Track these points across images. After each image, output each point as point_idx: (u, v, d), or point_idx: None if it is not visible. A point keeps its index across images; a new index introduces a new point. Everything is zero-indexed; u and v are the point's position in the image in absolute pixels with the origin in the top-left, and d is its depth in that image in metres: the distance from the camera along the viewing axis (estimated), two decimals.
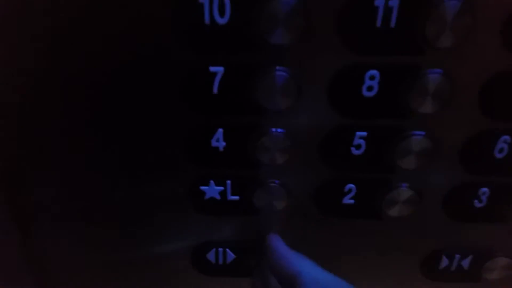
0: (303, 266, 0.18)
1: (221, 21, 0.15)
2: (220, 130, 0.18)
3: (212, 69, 0.16)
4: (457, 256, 0.22)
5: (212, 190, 0.20)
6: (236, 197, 0.20)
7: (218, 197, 0.20)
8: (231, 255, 0.22)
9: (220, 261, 0.22)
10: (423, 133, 0.18)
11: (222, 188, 0.20)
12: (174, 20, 0.15)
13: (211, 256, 0.22)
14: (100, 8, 0.15)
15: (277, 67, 0.16)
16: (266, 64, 0.16)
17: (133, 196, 0.20)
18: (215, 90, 0.17)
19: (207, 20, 0.15)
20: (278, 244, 0.20)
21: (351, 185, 0.20)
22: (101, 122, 0.18)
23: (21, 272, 0.22)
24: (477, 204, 0.20)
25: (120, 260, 0.22)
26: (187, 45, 0.16)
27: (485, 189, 0.20)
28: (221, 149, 0.18)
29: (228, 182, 0.20)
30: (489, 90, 0.17)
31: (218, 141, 0.18)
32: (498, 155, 0.19)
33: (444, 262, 0.22)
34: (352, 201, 0.20)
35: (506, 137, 0.18)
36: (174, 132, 0.18)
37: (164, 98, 0.17)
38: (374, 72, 0.16)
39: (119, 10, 0.15)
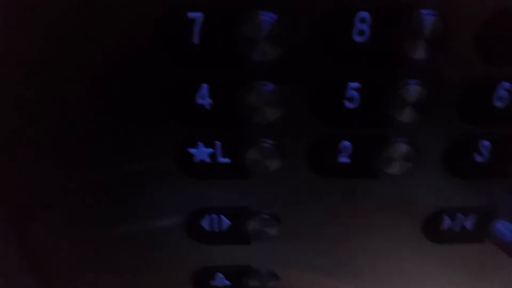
0: None
1: None
2: (205, 86, 0.17)
3: (191, 15, 0.15)
4: (459, 215, 0.21)
5: (201, 152, 0.19)
6: (227, 159, 0.19)
7: (208, 159, 0.19)
8: (226, 222, 0.21)
9: (216, 228, 0.21)
10: (419, 82, 0.17)
11: (211, 150, 0.19)
12: None
13: (205, 223, 0.21)
14: None
15: (262, 11, 0.15)
16: (250, 8, 0.15)
17: (119, 164, 0.20)
18: (196, 39, 0.16)
19: None
20: None
21: (346, 143, 0.19)
22: (80, 83, 0.17)
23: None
24: (478, 158, 0.19)
25: (112, 234, 0.22)
26: None
27: (486, 142, 0.19)
28: (207, 107, 0.18)
29: (218, 143, 0.19)
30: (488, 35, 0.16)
31: (204, 98, 0.17)
32: (498, 104, 0.18)
33: (446, 222, 0.22)
34: (347, 160, 0.19)
35: (506, 84, 0.17)
36: (158, 90, 0.17)
37: (143, 50, 0.16)
38: (364, 14, 0.16)
39: None
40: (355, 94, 0.17)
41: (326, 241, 0.22)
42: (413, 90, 0.17)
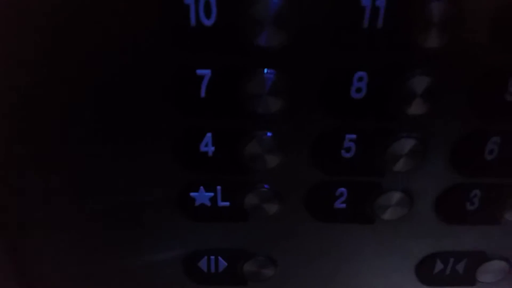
0: None
1: (208, 22, 0.15)
2: (209, 134, 0.18)
3: (199, 72, 0.16)
4: (451, 259, 0.22)
5: (202, 196, 0.19)
6: (227, 203, 0.20)
7: (208, 203, 0.20)
8: (223, 263, 0.21)
9: (212, 270, 0.22)
10: (412, 134, 0.18)
11: (212, 194, 0.19)
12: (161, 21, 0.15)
13: (203, 264, 0.21)
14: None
15: (265, 69, 0.16)
16: (254, 66, 0.16)
17: (122, 204, 0.20)
18: (203, 93, 0.16)
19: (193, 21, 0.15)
20: None
21: (342, 189, 0.20)
22: (87, 126, 0.18)
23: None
24: (469, 206, 0.20)
25: (110, 270, 0.22)
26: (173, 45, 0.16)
27: (477, 191, 0.20)
28: (210, 154, 0.18)
29: (219, 187, 0.19)
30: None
31: (207, 145, 0.18)
32: (489, 157, 0.19)
33: (438, 266, 0.22)
34: (343, 205, 0.20)
35: (496, 138, 0.18)
36: (162, 137, 0.18)
37: (151, 101, 0.17)
38: (362, 73, 0.16)
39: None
40: (352, 145, 0.18)
41: (321, 283, 0.22)
42: (407, 142, 0.18)
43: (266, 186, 0.19)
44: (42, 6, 0.15)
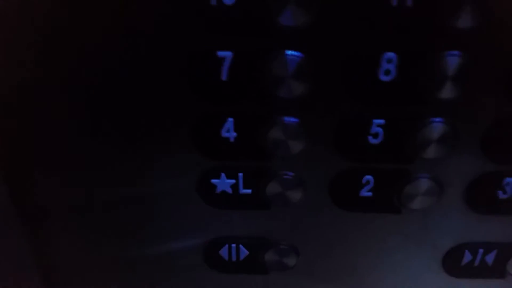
0: None
1: (229, 1, 0.14)
2: (231, 120, 0.17)
3: (220, 54, 0.15)
4: (481, 250, 0.21)
5: (223, 183, 0.19)
6: (249, 190, 0.19)
7: (229, 190, 0.19)
8: (244, 251, 0.21)
9: (233, 258, 0.21)
10: (442, 119, 0.17)
11: (233, 181, 0.19)
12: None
13: (224, 252, 0.21)
14: None
15: (289, 51, 0.15)
16: (276, 48, 0.16)
17: (142, 192, 0.20)
18: (224, 76, 0.16)
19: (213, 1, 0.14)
20: None
21: (369, 177, 0.19)
22: (105, 115, 0.17)
23: (28, 270, 0.22)
24: (501, 195, 0.19)
25: (130, 257, 0.22)
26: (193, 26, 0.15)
27: (510, 179, 0.19)
28: (232, 140, 0.18)
29: (240, 174, 0.19)
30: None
31: (229, 131, 0.17)
32: None
33: (467, 257, 0.21)
34: (369, 194, 0.19)
35: None
36: (182, 123, 0.18)
37: (170, 86, 0.17)
38: (391, 54, 0.16)
39: None
40: (379, 130, 0.17)
41: (345, 274, 0.22)
42: (438, 127, 0.17)
43: (289, 173, 0.19)
44: None
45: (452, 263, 0.22)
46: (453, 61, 0.16)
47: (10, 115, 0.18)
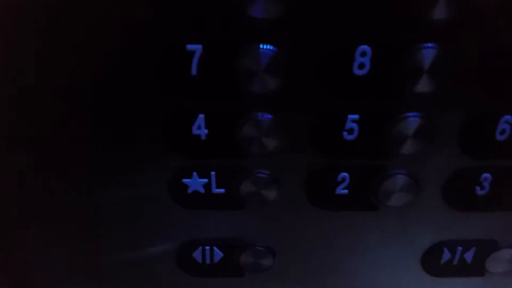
0: None
1: None
2: (201, 116, 0.17)
3: (190, 47, 0.15)
4: (459, 248, 0.21)
5: (195, 182, 0.18)
6: (222, 190, 0.19)
7: (202, 190, 0.19)
8: (218, 254, 0.20)
9: (208, 261, 0.21)
10: (418, 114, 0.17)
11: (206, 180, 0.18)
12: None
13: (197, 255, 0.20)
14: None
15: (261, 44, 0.15)
16: (248, 41, 0.15)
17: (112, 193, 0.19)
18: (194, 71, 0.15)
19: None
20: None
21: (345, 174, 0.18)
22: (72, 114, 0.17)
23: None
24: (479, 191, 0.19)
25: (104, 263, 0.21)
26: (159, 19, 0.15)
27: (487, 175, 0.19)
28: (203, 137, 0.17)
29: (213, 173, 0.18)
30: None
31: (200, 128, 0.17)
32: (500, 137, 0.18)
33: (446, 255, 0.21)
34: (345, 191, 0.19)
35: (508, 117, 0.17)
36: (151, 120, 0.17)
37: (138, 82, 0.16)
38: (365, 47, 0.15)
39: None
40: (354, 126, 0.17)
41: (322, 274, 0.21)
42: (414, 122, 0.17)
43: (263, 171, 0.18)
44: None
45: (431, 261, 0.21)
46: (428, 54, 0.15)
47: None
